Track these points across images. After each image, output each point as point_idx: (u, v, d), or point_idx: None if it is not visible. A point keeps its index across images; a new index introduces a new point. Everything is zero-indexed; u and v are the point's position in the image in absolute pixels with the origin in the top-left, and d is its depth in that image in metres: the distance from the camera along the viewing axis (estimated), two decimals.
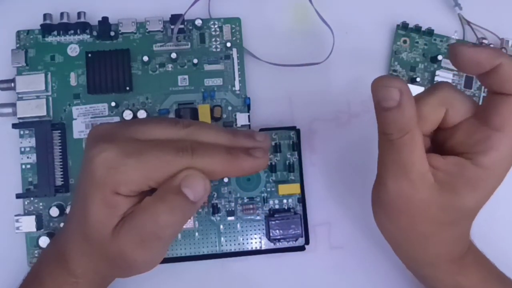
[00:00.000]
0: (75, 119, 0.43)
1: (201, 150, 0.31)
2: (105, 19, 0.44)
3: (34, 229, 0.42)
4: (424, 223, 0.34)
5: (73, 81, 0.44)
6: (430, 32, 0.46)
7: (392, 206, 0.34)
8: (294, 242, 0.43)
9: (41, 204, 0.43)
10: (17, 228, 0.42)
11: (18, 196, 0.42)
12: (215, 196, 0.43)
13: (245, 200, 0.44)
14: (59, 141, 0.43)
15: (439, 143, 0.35)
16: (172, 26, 0.44)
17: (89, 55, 0.43)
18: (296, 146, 0.44)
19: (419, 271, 0.39)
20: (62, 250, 0.34)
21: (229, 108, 0.44)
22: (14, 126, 0.42)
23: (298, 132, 0.44)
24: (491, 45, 0.46)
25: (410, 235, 0.35)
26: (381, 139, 0.33)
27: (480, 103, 0.45)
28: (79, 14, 0.44)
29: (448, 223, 0.34)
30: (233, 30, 0.45)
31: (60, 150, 0.43)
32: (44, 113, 0.43)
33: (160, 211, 0.30)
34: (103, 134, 0.32)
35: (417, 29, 0.46)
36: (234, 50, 0.45)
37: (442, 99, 0.33)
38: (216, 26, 0.45)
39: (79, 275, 0.34)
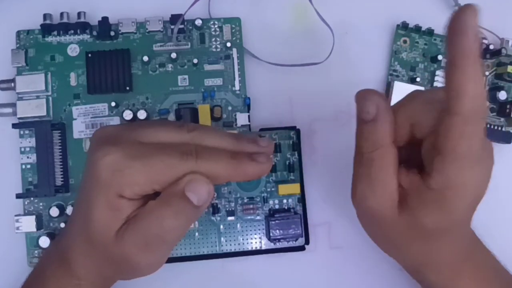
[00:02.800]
0: (75, 119, 0.43)
1: (205, 154, 0.31)
2: (105, 19, 0.44)
3: (34, 229, 0.42)
4: (394, 236, 0.34)
5: (73, 81, 0.44)
6: (430, 32, 0.46)
7: (364, 218, 0.34)
8: (294, 242, 0.43)
9: (41, 204, 0.43)
10: (17, 228, 0.42)
11: (18, 196, 0.42)
12: (215, 196, 0.43)
13: (245, 200, 0.44)
14: (59, 141, 0.43)
15: (415, 154, 0.33)
16: (172, 26, 0.44)
17: (89, 55, 0.43)
18: (296, 146, 0.44)
19: (409, 271, 0.39)
20: (65, 252, 0.35)
21: (229, 108, 0.44)
22: (14, 126, 0.42)
23: (298, 132, 0.44)
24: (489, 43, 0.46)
25: (388, 244, 0.36)
26: (355, 150, 0.33)
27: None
28: (79, 14, 0.44)
29: (419, 237, 0.33)
30: (233, 30, 0.45)
31: (60, 150, 0.42)
32: (44, 113, 0.43)
33: (165, 215, 0.30)
34: (108, 136, 0.32)
35: (417, 29, 0.46)
36: (234, 50, 0.45)
37: (406, 115, 0.32)
38: (216, 26, 0.45)
39: (82, 276, 0.34)
